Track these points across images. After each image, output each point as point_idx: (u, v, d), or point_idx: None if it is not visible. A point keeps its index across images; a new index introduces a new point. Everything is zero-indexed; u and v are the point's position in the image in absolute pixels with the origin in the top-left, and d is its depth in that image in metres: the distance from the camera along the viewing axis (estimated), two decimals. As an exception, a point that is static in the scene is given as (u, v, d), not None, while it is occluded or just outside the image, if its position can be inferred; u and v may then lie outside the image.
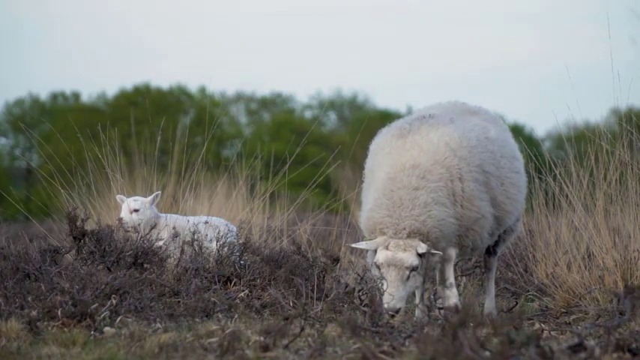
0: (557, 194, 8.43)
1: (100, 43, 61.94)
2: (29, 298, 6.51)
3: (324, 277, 7.57)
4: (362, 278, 7.71)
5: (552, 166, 8.41)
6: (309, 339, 5.77)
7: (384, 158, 6.98)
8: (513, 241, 8.27)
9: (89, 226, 7.89)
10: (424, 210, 6.73)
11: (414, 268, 6.69)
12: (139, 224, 8.12)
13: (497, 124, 7.50)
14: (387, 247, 6.73)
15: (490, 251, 7.61)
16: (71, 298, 6.29)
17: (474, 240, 6.98)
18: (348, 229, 10.26)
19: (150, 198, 8.26)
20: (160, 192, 8.42)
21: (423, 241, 6.71)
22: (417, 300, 7.13)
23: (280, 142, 28.57)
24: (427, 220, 6.73)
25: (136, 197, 8.30)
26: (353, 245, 6.91)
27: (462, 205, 6.84)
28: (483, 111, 7.62)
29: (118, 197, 8.33)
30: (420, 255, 6.70)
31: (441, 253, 6.80)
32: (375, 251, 6.79)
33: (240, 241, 7.92)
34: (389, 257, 6.70)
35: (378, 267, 6.74)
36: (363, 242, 6.85)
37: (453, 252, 6.96)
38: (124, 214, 8.16)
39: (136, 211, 8.16)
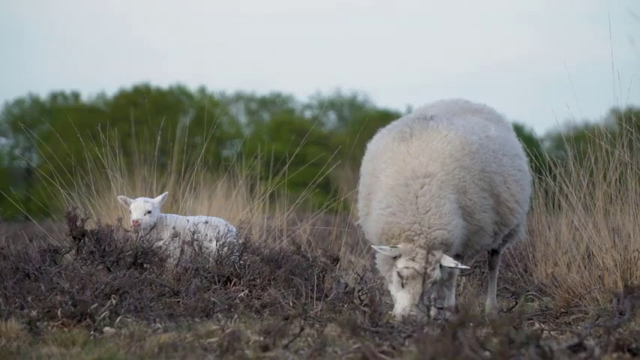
0: (557, 194, 8.43)
1: (100, 43, 61.99)
2: (29, 298, 6.50)
3: (323, 277, 7.58)
4: (362, 278, 7.72)
5: (552, 166, 8.41)
6: (309, 339, 5.77)
7: (387, 163, 6.84)
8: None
9: (89, 226, 7.89)
10: (450, 219, 6.61)
11: (436, 282, 6.64)
12: (147, 225, 8.08)
13: (500, 122, 7.45)
14: (413, 259, 6.59)
15: (492, 251, 7.59)
16: (71, 298, 6.29)
17: (472, 248, 6.95)
18: (347, 229, 10.25)
19: (159, 198, 8.23)
20: (167, 192, 8.40)
21: (445, 252, 6.62)
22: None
23: (280, 142, 28.57)
24: (454, 230, 6.63)
25: (146, 198, 8.24)
26: (375, 247, 6.67)
27: (465, 218, 6.78)
28: (487, 109, 7.55)
29: (120, 198, 8.29)
30: (441, 266, 6.60)
31: (468, 267, 6.73)
32: (394, 257, 6.64)
33: (240, 241, 7.92)
34: (416, 271, 6.55)
35: (401, 277, 6.59)
36: (387, 247, 6.62)
37: (456, 270, 6.90)
38: (139, 215, 8.08)
39: (149, 212, 8.12)
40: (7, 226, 10.90)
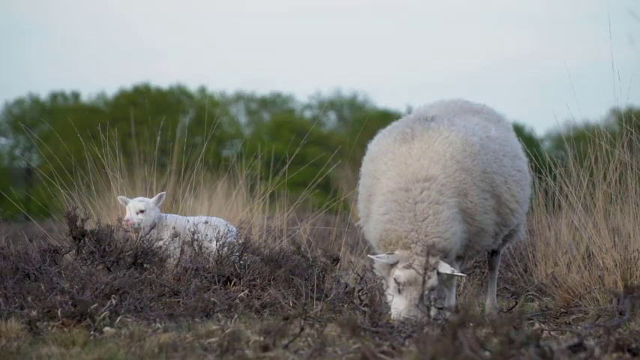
0: (557, 194, 8.43)
1: (100, 43, 62.02)
2: (29, 298, 6.50)
3: (324, 277, 7.58)
4: (362, 278, 7.71)
5: (552, 166, 8.41)
6: (309, 339, 5.77)
7: (388, 165, 6.81)
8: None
9: (89, 226, 7.89)
10: (448, 227, 6.58)
11: (433, 288, 6.63)
12: (143, 225, 8.11)
13: (500, 123, 7.43)
14: (409, 266, 6.56)
15: (491, 251, 7.58)
16: (71, 298, 6.29)
17: (473, 249, 6.94)
18: (347, 229, 10.25)
19: (154, 198, 8.25)
20: (164, 192, 8.41)
21: (442, 259, 6.59)
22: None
23: (280, 142, 28.57)
24: (452, 238, 6.60)
25: (142, 198, 8.28)
26: (372, 257, 6.65)
27: (466, 221, 6.76)
28: (487, 110, 7.53)
29: (120, 198, 8.32)
30: (438, 273, 6.60)
31: (465, 275, 6.73)
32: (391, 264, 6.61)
33: (240, 241, 7.92)
34: (412, 278, 6.52)
35: (398, 283, 6.56)
36: (384, 255, 6.60)
37: (456, 266, 6.89)
38: (130, 214, 8.13)
39: (142, 211, 8.15)
40: (7, 226, 10.90)
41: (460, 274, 6.67)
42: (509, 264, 9.28)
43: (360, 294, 7.42)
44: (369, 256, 6.76)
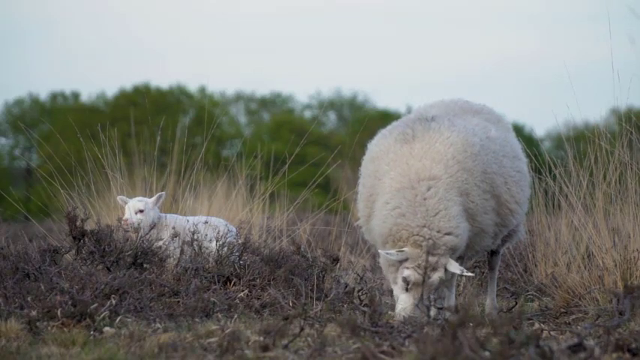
0: (557, 194, 8.43)
1: (100, 43, 62.00)
2: (29, 298, 6.50)
3: (323, 277, 7.58)
4: (362, 278, 7.72)
5: (552, 166, 8.41)
6: (309, 339, 5.78)
7: (390, 165, 6.80)
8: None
9: (89, 226, 7.89)
10: (458, 222, 6.59)
11: (438, 287, 6.60)
12: (143, 225, 8.11)
13: (500, 123, 7.44)
14: (419, 266, 6.55)
15: (491, 251, 7.58)
16: (71, 298, 6.29)
17: (472, 249, 6.93)
18: (347, 229, 10.25)
19: (154, 198, 8.26)
20: (164, 192, 8.41)
21: (451, 257, 6.60)
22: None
23: (280, 142, 28.55)
24: (462, 235, 6.60)
25: (140, 198, 8.29)
26: (381, 252, 6.63)
27: (467, 220, 6.76)
28: (487, 110, 7.53)
29: (119, 198, 8.33)
30: (445, 270, 6.59)
31: (473, 274, 6.75)
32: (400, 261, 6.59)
33: (240, 241, 7.92)
34: (421, 277, 6.54)
35: (407, 282, 6.55)
36: (394, 252, 6.57)
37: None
38: (129, 214, 8.14)
39: (141, 211, 8.16)
40: (7, 226, 10.91)
41: (469, 273, 6.66)
42: (509, 264, 9.28)
43: (360, 294, 7.42)
44: (380, 251, 6.73)
